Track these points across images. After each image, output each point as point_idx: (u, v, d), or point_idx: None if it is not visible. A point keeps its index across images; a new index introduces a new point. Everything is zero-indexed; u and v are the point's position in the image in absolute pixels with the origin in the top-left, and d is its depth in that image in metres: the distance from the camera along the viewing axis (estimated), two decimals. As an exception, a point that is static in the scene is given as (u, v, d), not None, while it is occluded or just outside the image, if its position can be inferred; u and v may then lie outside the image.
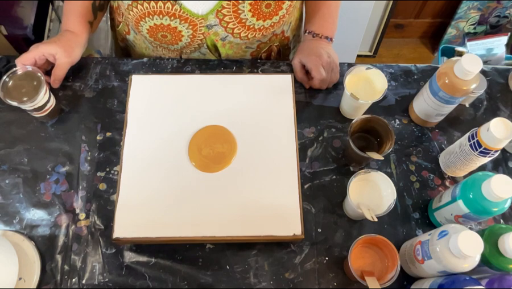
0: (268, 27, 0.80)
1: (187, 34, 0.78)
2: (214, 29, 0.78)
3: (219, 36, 0.79)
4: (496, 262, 0.58)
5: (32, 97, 0.72)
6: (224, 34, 0.79)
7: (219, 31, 0.78)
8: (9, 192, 0.74)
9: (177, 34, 0.78)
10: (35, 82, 0.73)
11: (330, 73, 0.81)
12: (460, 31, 1.78)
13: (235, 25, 0.77)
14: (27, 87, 0.73)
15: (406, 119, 0.82)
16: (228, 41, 0.81)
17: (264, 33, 0.82)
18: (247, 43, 0.84)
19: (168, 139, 0.73)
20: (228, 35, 0.79)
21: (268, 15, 0.77)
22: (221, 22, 0.76)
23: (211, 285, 0.68)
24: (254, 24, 0.77)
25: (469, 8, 1.67)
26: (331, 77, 0.81)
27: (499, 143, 0.64)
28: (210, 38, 0.80)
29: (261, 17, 0.76)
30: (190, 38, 0.79)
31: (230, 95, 0.76)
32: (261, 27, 0.79)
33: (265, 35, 0.83)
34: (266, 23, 0.78)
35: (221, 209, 0.68)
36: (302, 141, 0.78)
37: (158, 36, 0.79)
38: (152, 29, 0.78)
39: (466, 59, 0.66)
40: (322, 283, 0.69)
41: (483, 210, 0.60)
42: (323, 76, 0.79)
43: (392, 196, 0.66)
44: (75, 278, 0.68)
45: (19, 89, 0.73)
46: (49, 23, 1.27)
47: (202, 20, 0.75)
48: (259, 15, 0.76)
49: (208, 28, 0.77)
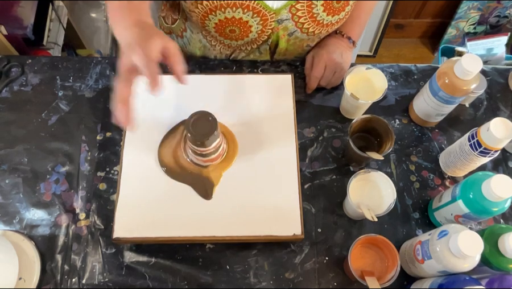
0: (335, 23, 0.79)
1: (256, 30, 0.76)
2: (285, 24, 0.76)
3: (287, 31, 0.78)
4: (496, 262, 0.58)
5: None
6: (294, 29, 0.77)
7: (289, 25, 0.76)
8: (9, 191, 0.74)
9: (246, 29, 0.76)
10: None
11: (332, 74, 0.80)
12: (460, 31, 1.78)
13: (306, 20, 0.76)
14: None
15: (406, 119, 0.82)
16: (295, 36, 0.80)
17: (328, 30, 0.81)
18: (310, 40, 0.82)
19: (168, 139, 0.73)
20: (297, 30, 0.78)
21: (337, 11, 0.76)
22: (293, 17, 0.75)
23: (211, 285, 0.68)
24: (324, 19, 0.76)
25: (469, 8, 1.67)
26: (331, 78, 0.81)
27: (499, 143, 0.64)
28: (278, 34, 0.78)
29: (331, 12, 0.75)
30: (258, 33, 0.77)
31: (230, 95, 0.76)
32: (329, 23, 0.78)
33: (329, 32, 0.82)
34: (334, 19, 0.77)
35: (221, 208, 0.68)
36: (302, 141, 0.78)
37: (226, 31, 0.77)
38: (221, 23, 0.74)
39: (466, 59, 0.66)
40: (322, 283, 0.69)
41: (483, 210, 0.60)
42: (315, 74, 0.78)
43: (392, 196, 0.66)
44: (75, 278, 0.68)
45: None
46: (49, 23, 1.27)
47: (274, 15, 0.73)
48: (329, 10, 0.75)
49: (278, 23, 0.76)
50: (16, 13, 1.13)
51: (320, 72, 0.79)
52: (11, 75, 0.83)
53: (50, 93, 0.82)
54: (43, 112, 0.80)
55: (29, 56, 0.86)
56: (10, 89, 0.82)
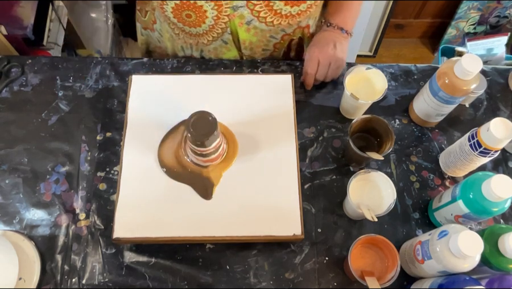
0: (295, 14, 0.78)
1: (211, 16, 0.76)
2: (240, 11, 0.76)
3: (244, 19, 0.78)
4: (496, 262, 0.58)
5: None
6: (250, 17, 0.77)
7: (245, 13, 0.76)
8: (9, 192, 0.74)
9: (202, 14, 0.76)
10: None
11: (327, 67, 0.79)
12: (460, 31, 1.78)
13: (262, 8, 0.75)
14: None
15: (406, 119, 0.82)
16: (253, 26, 0.80)
17: (290, 22, 0.80)
18: (272, 31, 0.82)
19: (168, 139, 0.73)
20: (254, 19, 0.78)
21: (297, 2, 0.75)
22: (247, 4, 0.75)
23: (211, 285, 0.68)
24: (282, 9, 0.76)
25: (469, 8, 1.67)
26: (328, 71, 0.80)
27: (499, 143, 0.64)
28: (235, 22, 0.78)
29: (290, 2, 0.75)
30: (214, 20, 0.77)
31: (230, 95, 0.76)
32: (289, 14, 0.78)
33: (291, 24, 0.82)
34: (294, 10, 0.77)
35: (221, 208, 0.68)
36: (302, 141, 0.78)
37: (182, 15, 0.77)
38: (178, 7, 0.76)
39: (466, 59, 0.66)
40: (322, 283, 0.69)
41: (483, 210, 0.60)
42: (308, 71, 0.78)
43: (392, 196, 0.66)
44: (75, 278, 0.68)
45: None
46: (49, 23, 1.26)
47: (228, 1, 0.74)
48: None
49: (234, 10, 0.76)
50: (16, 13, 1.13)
51: (313, 68, 0.79)
52: (11, 76, 0.83)
53: (50, 93, 0.82)
54: (43, 112, 0.80)
55: (29, 56, 0.86)
56: (10, 89, 0.82)
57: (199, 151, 0.65)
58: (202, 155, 0.66)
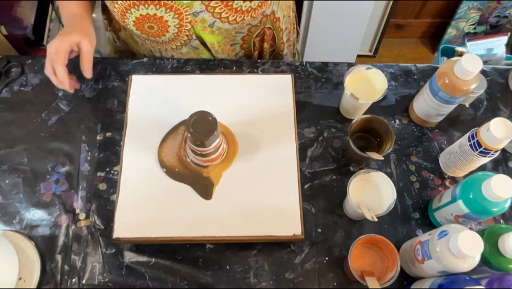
0: (256, 7, 0.78)
1: (173, 24, 0.76)
2: (201, 16, 0.76)
3: (206, 23, 0.77)
4: (496, 262, 0.58)
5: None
6: (212, 20, 0.77)
7: (206, 16, 0.76)
8: (9, 192, 0.74)
9: (163, 25, 0.76)
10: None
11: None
12: (460, 31, 1.78)
13: (222, 9, 0.75)
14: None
15: (406, 119, 0.82)
16: (217, 27, 0.79)
17: (253, 15, 0.80)
18: (237, 28, 0.82)
19: (168, 139, 0.73)
20: (216, 20, 0.77)
21: None
22: (207, 8, 0.74)
23: (211, 285, 0.68)
24: (241, 5, 0.75)
25: (469, 8, 1.67)
26: None
27: (499, 143, 0.64)
28: (197, 27, 0.78)
29: None
30: (177, 28, 0.77)
31: (230, 95, 0.76)
32: (249, 8, 0.77)
33: (255, 17, 0.81)
34: (253, 4, 0.76)
35: (221, 208, 0.68)
36: (302, 141, 0.78)
37: (145, 27, 0.77)
38: (138, 20, 0.75)
39: (466, 59, 0.66)
40: (322, 283, 0.69)
41: (483, 210, 0.60)
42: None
43: (392, 196, 0.66)
44: (75, 278, 0.68)
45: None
46: (49, 23, 1.27)
47: (188, 8, 0.74)
48: None
49: (195, 16, 0.75)
50: (16, 13, 1.13)
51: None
52: (11, 76, 0.83)
53: (50, 93, 0.82)
54: (43, 112, 0.80)
55: (29, 56, 0.86)
56: (10, 89, 0.82)
57: (199, 151, 0.65)
58: (202, 155, 0.66)
